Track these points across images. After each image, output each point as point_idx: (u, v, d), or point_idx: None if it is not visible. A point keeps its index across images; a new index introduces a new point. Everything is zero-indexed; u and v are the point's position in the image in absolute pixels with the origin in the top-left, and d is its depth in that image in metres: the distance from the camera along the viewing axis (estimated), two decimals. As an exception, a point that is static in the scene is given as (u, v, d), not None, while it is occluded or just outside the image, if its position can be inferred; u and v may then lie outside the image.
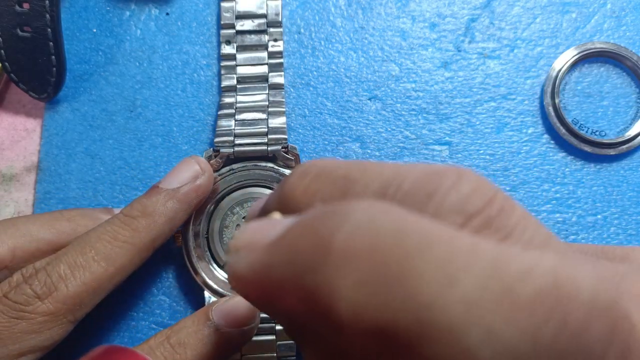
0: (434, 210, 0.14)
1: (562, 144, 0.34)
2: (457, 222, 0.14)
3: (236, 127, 0.32)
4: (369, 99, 0.35)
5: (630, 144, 0.33)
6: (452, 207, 0.14)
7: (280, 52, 0.34)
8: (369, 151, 0.34)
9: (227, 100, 0.34)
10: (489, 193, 0.14)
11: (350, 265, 0.12)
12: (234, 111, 0.33)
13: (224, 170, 0.32)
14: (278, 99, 0.34)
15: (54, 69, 0.34)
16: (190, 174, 0.29)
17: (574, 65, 0.35)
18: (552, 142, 0.34)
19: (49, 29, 0.33)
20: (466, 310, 0.11)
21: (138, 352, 0.25)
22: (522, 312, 0.11)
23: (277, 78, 0.34)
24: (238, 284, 0.16)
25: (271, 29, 0.35)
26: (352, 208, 0.13)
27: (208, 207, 0.31)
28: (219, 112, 0.33)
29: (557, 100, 0.34)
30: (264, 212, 0.18)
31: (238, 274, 0.15)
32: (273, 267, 0.14)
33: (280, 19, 0.35)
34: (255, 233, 0.16)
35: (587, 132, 0.34)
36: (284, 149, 0.32)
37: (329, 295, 0.13)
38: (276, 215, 0.17)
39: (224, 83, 0.34)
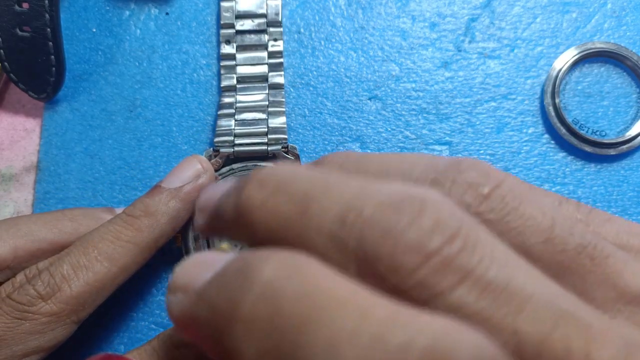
0: (391, 245, 0.14)
1: (562, 144, 0.34)
2: (415, 262, 0.13)
3: (236, 127, 0.32)
4: (369, 99, 0.35)
5: (631, 144, 0.33)
6: (409, 245, 0.14)
7: (280, 52, 0.34)
8: (369, 151, 0.34)
9: (227, 100, 0.34)
10: (452, 226, 0.14)
11: (252, 335, 0.13)
12: (233, 111, 0.33)
13: (224, 170, 0.32)
14: (278, 98, 0.34)
15: (54, 68, 0.33)
16: (192, 173, 0.29)
17: (575, 65, 0.35)
18: (552, 142, 0.34)
19: (49, 29, 0.33)
20: None
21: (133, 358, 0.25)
22: None
23: (277, 78, 0.34)
24: (175, 328, 0.16)
25: (271, 29, 0.35)
26: (262, 268, 0.13)
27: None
28: (218, 112, 0.33)
29: (557, 100, 0.34)
30: (216, 213, 0.18)
31: (174, 317, 0.15)
32: (197, 318, 0.14)
33: (280, 19, 0.35)
34: (193, 272, 0.15)
35: (587, 132, 0.34)
36: (284, 149, 0.32)
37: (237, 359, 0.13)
38: (224, 246, 0.16)
39: (224, 83, 0.34)
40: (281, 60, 0.34)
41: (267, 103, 0.33)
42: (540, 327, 0.13)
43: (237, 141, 0.32)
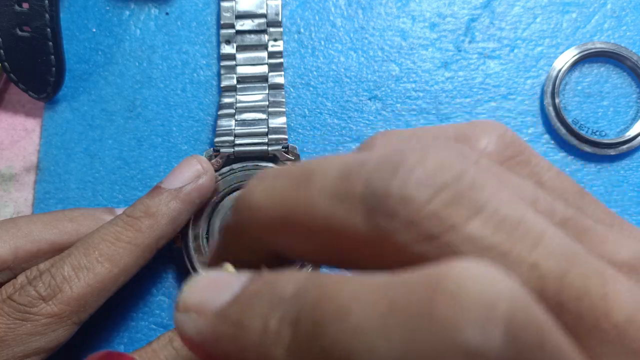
0: (401, 180, 0.14)
1: (562, 144, 0.34)
2: (427, 193, 0.13)
3: (236, 127, 0.32)
4: (369, 99, 0.35)
5: (630, 144, 0.34)
6: (420, 180, 0.14)
7: (280, 52, 0.34)
8: (369, 151, 0.34)
9: (227, 100, 0.34)
10: (457, 167, 0.14)
11: (284, 343, 0.13)
12: (234, 111, 0.33)
13: (224, 170, 0.32)
14: (278, 99, 0.34)
15: (54, 68, 0.33)
16: (192, 173, 0.29)
17: (574, 65, 0.35)
18: (552, 142, 0.34)
19: (49, 29, 0.33)
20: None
21: (135, 357, 0.25)
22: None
23: (277, 78, 0.34)
24: (188, 345, 0.16)
25: (271, 29, 0.35)
26: (283, 287, 0.14)
27: (208, 207, 0.31)
28: (219, 112, 0.33)
29: (557, 100, 0.34)
30: (223, 231, 0.18)
31: (187, 337, 0.15)
32: (220, 340, 0.14)
33: (280, 19, 0.35)
34: (206, 293, 0.15)
35: (587, 132, 0.34)
36: (284, 149, 0.32)
37: None
38: (229, 269, 0.16)
39: (224, 83, 0.34)
40: (281, 60, 0.34)
41: (267, 103, 0.33)
42: (559, 262, 0.13)
43: (238, 141, 0.32)
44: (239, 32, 0.35)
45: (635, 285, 0.14)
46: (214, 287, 0.15)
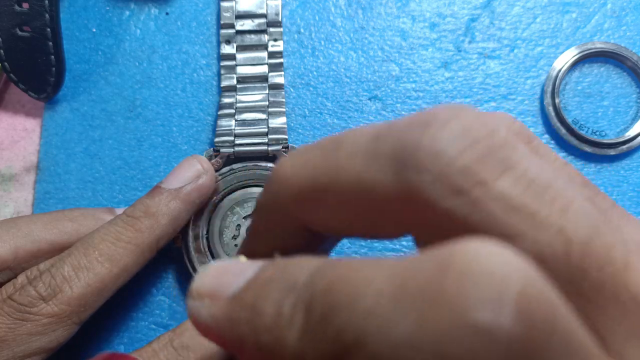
0: (432, 135, 0.14)
1: (562, 144, 0.34)
2: (459, 147, 0.13)
3: (236, 127, 0.32)
4: (369, 99, 0.35)
5: (630, 144, 0.34)
6: (452, 134, 0.14)
7: (280, 52, 0.34)
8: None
9: (227, 100, 0.34)
10: (490, 125, 0.14)
11: (297, 327, 0.13)
12: (234, 111, 0.33)
13: (224, 170, 0.32)
14: (278, 99, 0.34)
15: (54, 68, 0.33)
16: (192, 173, 0.29)
17: (574, 65, 0.35)
18: (552, 142, 0.34)
19: (49, 29, 0.33)
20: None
21: (138, 358, 0.25)
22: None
23: (277, 78, 0.34)
24: (201, 331, 0.16)
25: (271, 29, 0.35)
26: (296, 272, 0.14)
27: (208, 207, 0.31)
28: (219, 112, 0.33)
29: (557, 100, 0.34)
30: (257, 208, 0.19)
31: (201, 322, 0.16)
32: (234, 323, 0.15)
33: (280, 19, 0.35)
34: (219, 280, 0.16)
35: (587, 132, 0.34)
36: (284, 149, 0.32)
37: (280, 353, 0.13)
38: (242, 259, 0.17)
39: (224, 83, 0.34)
40: (281, 60, 0.34)
41: (267, 103, 0.33)
42: (585, 229, 0.13)
43: (238, 141, 0.32)
44: (239, 32, 0.35)
45: None
46: (226, 274, 0.16)
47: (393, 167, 0.14)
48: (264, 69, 0.34)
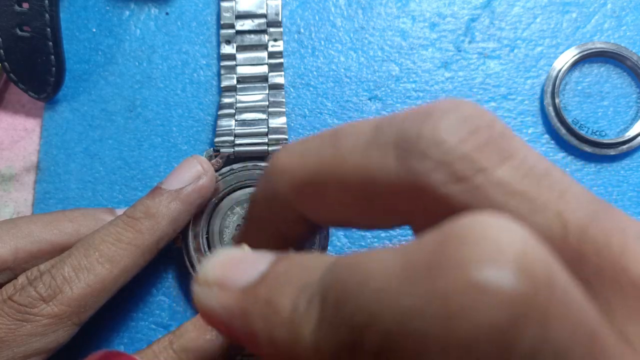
0: (434, 124, 0.14)
1: (562, 144, 0.34)
2: (460, 135, 0.14)
3: (236, 127, 0.32)
4: (369, 99, 0.35)
5: (630, 144, 0.34)
6: (451, 124, 0.14)
7: (280, 52, 0.34)
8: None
9: (227, 100, 0.34)
10: (489, 117, 0.14)
11: (312, 321, 0.13)
12: (234, 111, 0.33)
13: (224, 170, 0.32)
14: (278, 99, 0.34)
15: (54, 68, 0.33)
16: (192, 174, 0.29)
17: (574, 65, 0.35)
18: (552, 142, 0.34)
19: (49, 29, 0.33)
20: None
21: (136, 357, 0.25)
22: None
23: (277, 78, 0.34)
24: (207, 318, 0.16)
25: (271, 29, 0.35)
26: (311, 268, 0.14)
27: (208, 207, 0.31)
28: (219, 112, 0.33)
29: (557, 100, 0.34)
30: (252, 202, 0.18)
31: (208, 310, 0.15)
32: (248, 316, 0.15)
33: (280, 19, 0.35)
34: (229, 269, 0.16)
35: (587, 132, 0.34)
36: (284, 149, 0.32)
37: (293, 345, 0.13)
38: (246, 248, 0.17)
39: (224, 83, 0.34)
40: (281, 60, 0.34)
41: (267, 103, 0.33)
42: (583, 214, 0.14)
43: (238, 141, 0.32)
44: (239, 32, 0.35)
45: None
46: (237, 263, 0.16)
47: (395, 156, 0.14)
48: (264, 69, 0.34)
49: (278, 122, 0.33)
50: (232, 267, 0.16)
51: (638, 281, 0.13)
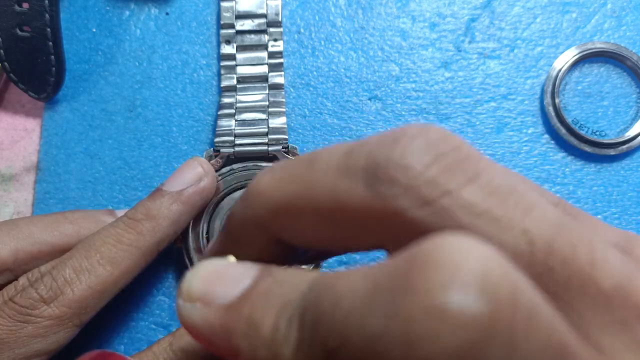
0: (401, 149, 0.14)
1: (562, 144, 0.34)
2: (426, 160, 0.14)
3: (236, 127, 0.32)
4: (369, 99, 0.35)
5: (630, 144, 0.34)
6: (419, 148, 0.14)
7: (280, 52, 0.34)
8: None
9: (227, 100, 0.34)
10: (455, 141, 0.15)
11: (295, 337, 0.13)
12: (234, 111, 0.33)
13: (224, 170, 0.32)
14: (278, 99, 0.34)
15: (54, 68, 0.33)
16: (193, 176, 0.29)
17: (574, 65, 0.35)
18: (552, 142, 0.34)
19: (49, 29, 0.33)
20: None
21: (128, 358, 0.25)
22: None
23: (277, 78, 0.34)
24: (190, 332, 0.16)
25: (271, 29, 0.35)
26: (293, 287, 0.14)
27: (208, 207, 0.31)
28: (219, 112, 0.33)
29: (557, 100, 0.34)
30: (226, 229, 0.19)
31: (191, 325, 0.16)
32: (231, 334, 0.15)
33: (280, 19, 0.35)
34: (212, 284, 0.16)
35: (587, 132, 0.34)
36: (284, 149, 0.32)
37: None
38: (231, 259, 0.17)
39: (224, 83, 0.34)
40: (281, 60, 0.34)
41: (267, 103, 0.33)
42: (548, 229, 0.14)
43: (238, 141, 0.32)
44: (239, 32, 0.35)
45: (625, 257, 0.14)
46: (220, 278, 0.16)
47: (365, 181, 0.15)
48: (264, 69, 0.34)
49: (278, 122, 0.33)
50: (215, 282, 0.16)
51: (607, 290, 0.14)
